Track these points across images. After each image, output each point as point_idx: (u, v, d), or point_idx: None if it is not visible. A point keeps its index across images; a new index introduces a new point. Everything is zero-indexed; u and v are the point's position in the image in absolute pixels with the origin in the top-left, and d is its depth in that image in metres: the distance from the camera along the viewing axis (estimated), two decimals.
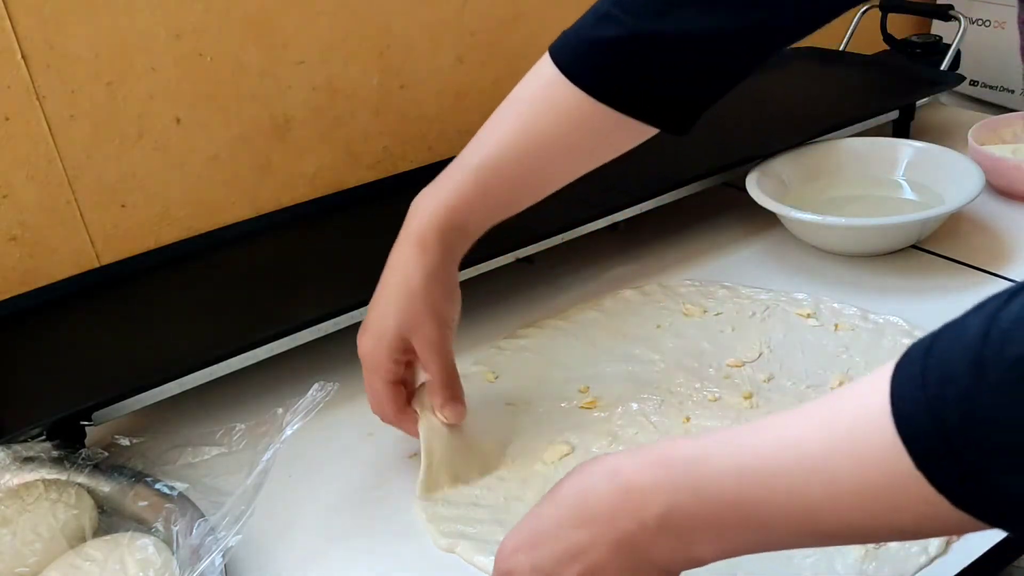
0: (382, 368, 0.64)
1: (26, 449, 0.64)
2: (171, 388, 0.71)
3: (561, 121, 0.64)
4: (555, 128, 0.64)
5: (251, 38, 0.91)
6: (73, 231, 0.87)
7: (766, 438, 0.41)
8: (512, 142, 0.64)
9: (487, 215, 0.66)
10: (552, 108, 0.64)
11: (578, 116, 0.64)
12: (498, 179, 0.64)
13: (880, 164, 0.95)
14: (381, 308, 0.65)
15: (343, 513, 0.65)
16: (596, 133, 0.65)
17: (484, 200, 0.65)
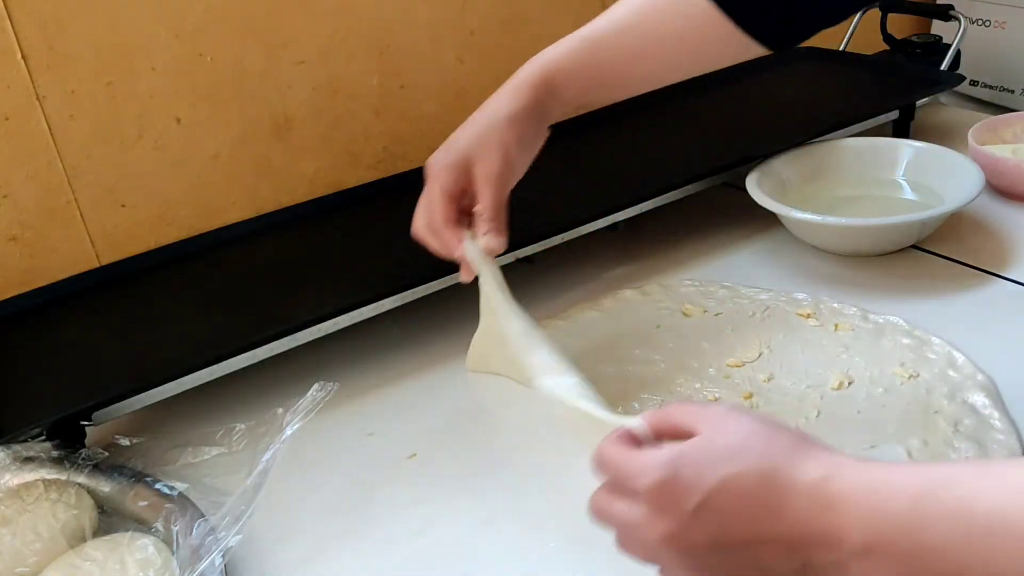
0: (442, 177, 0.68)
1: (26, 449, 0.65)
2: (171, 388, 0.71)
3: (676, 18, 0.67)
4: (667, 24, 0.67)
5: (251, 38, 0.91)
6: (73, 231, 0.87)
7: (996, 486, 0.38)
8: (623, 25, 0.68)
9: (582, 86, 0.70)
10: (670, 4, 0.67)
11: (695, 18, 0.66)
12: (602, 53, 0.69)
13: (880, 164, 0.95)
14: (459, 131, 0.71)
15: (343, 513, 0.65)
16: (706, 39, 0.67)
17: (584, 70, 0.69)
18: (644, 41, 0.68)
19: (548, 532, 0.61)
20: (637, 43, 0.69)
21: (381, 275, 0.80)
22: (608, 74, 0.70)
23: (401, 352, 0.82)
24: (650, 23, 0.68)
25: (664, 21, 0.67)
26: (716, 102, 1.13)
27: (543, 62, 0.69)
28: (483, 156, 0.68)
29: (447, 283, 0.80)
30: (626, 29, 0.69)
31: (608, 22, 0.69)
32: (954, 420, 0.64)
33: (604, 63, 0.69)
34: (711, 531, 0.43)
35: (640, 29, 0.68)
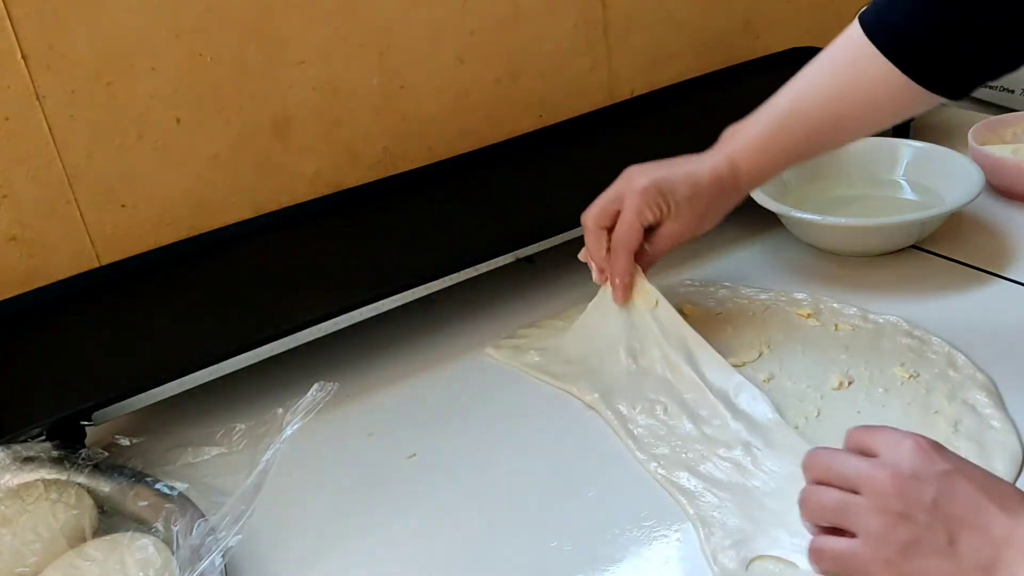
0: (642, 202, 0.73)
1: (26, 449, 0.65)
2: (171, 388, 0.71)
3: (860, 84, 0.68)
4: (854, 93, 0.69)
5: (251, 38, 0.91)
6: (73, 231, 0.87)
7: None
8: (811, 102, 0.71)
9: (777, 163, 0.74)
10: (852, 72, 0.69)
11: (878, 80, 0.67)
12: (794, 132, 0.72)
13: (880, 164, 0.95)
14: (666, 166, 0.75)
15: (343, 513, 0.65)
16: (891, 98, 0.68)
17: (777, 151, 0.72)
18: (836, 117, 0.70)
19: (548, 532, 0.61)
20: (828, 118, 0.71)
21: (381, 275, 0.80)
22: (801, 149, 0.73)
23: (401, 352, 0.82)
24: (838, 94, 0.70)
25: (851, 90, 0.69)
26: (716, 102, 1.13)
27: (739, 145, 0.73)
28: (680, 212, 0.73)
29: (447, 283, 0.80)
30: (816, 106, 0.71)
31: (795, 99, 0.71)
32: (954, 420, 0.64)
33: (794, 141, 0.72)
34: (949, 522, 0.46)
35: (831, 103, 0.70)
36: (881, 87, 0.67)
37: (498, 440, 0.70)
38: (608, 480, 0.65)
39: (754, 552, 0.56)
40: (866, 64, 0.67)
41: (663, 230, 0.74)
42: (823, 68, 0.71)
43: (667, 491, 0.62)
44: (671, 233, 0.74)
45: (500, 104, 1.08)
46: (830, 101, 0.70)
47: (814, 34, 1.26)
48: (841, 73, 0.69)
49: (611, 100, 1.16)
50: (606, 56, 1.14)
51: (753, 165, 0.73)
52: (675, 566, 0.57)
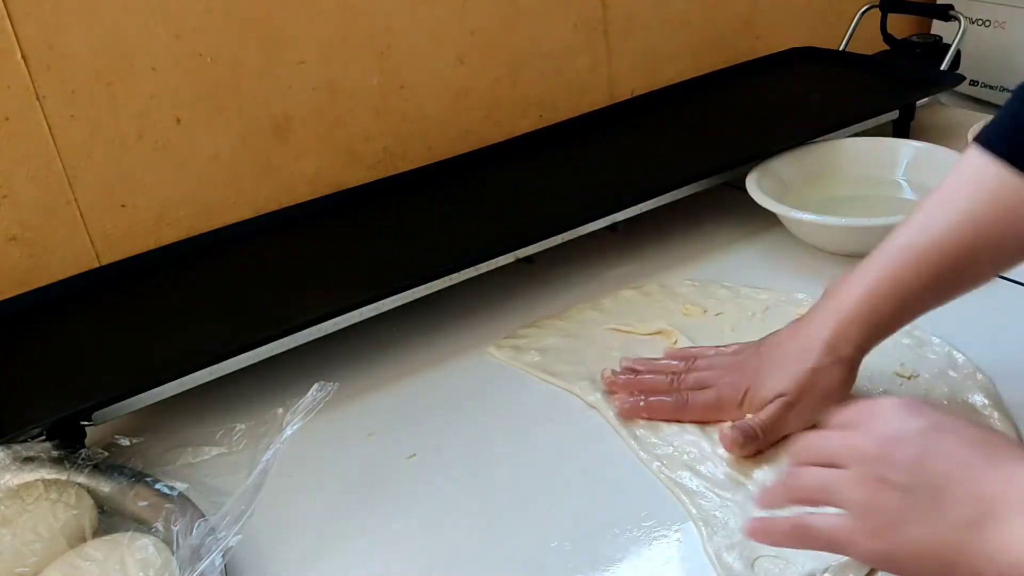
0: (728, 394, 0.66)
1: (26, 449, 0.65)
2: (171, 388, 0.71)
3: (995, 207, 0.59)
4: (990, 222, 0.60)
5: (251, 38, 0.91)
6: (73, 231, 0.87)
7: None
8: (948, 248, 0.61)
9: (905, 316, 0.63)
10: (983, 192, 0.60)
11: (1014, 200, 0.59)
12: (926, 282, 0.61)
13: (880, 164, 0.95)
14: (765, 374, 0.65)
15: (343, 513, 0.65)
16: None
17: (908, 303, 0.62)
18: (958, 258, 0.60)
19: (548, 532, 0.61)
20: (952, 261, 0.60)
21: (381, 275, 0.80)
22: (925, 304, 0.63)
23: (401, 352, 0.82)
24: (970, 221, 0.60)
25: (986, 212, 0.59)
26: (716, 102, 1.13)
27: (864, 309, 0.62)
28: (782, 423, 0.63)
29: (447, 283, 0.80)
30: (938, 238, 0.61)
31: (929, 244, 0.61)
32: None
33: (927, 288, 0.61)
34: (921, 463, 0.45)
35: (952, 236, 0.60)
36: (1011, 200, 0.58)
37: (498, 440, 0.70)
38: (609, 480, 0.65)
39: (757, 552, 0.56)
40: (999, 184, 0.59)
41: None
42: (943, 202, 0.61)
43: (670, 490, 0.62)
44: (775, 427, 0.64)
45: (500, 104, 1.08)
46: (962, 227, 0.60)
47: (814, 34, 1.26)
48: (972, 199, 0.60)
49: (611, 100, 1.16)
50: (606, 56, 1.14)
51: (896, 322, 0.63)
52: (676, 566, 0.57)
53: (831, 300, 0.64)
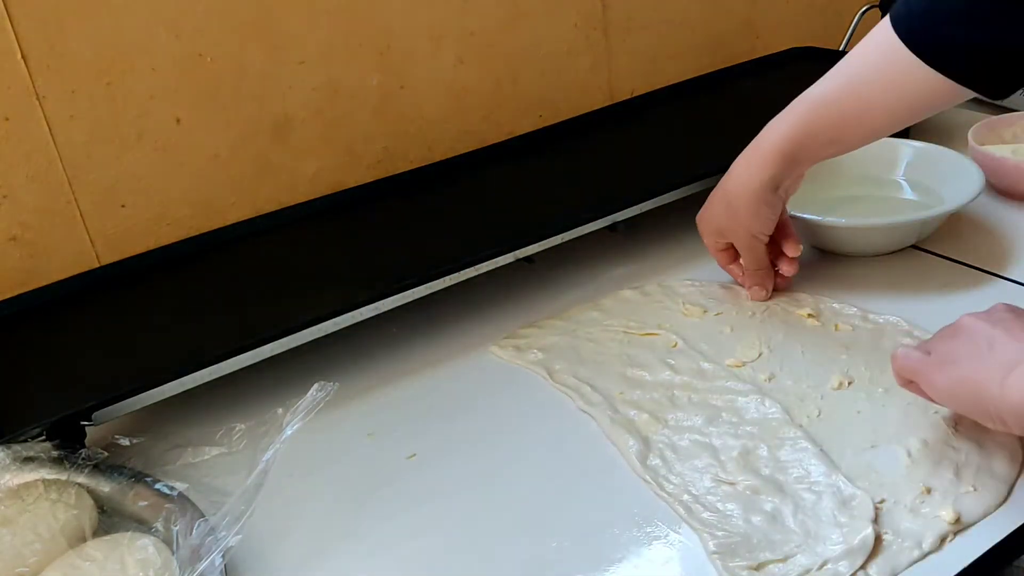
0: (710, 241, 0.83)
1: (26, 449, 0.64)
2: (171, 388, 0.71)
3: (885, 78, 0.71)
4: (879, 84, 0.71)
5: (251, 38, 0.91)
6: (73, 231, 0.87)
7: None
8: (845, 89, 0.74)
9: (814, 151, 0.76)
10: (881, 64, 0.71)
11: (905, 77, 0.69)
12: (829, 119, 0.74)
13: (880, 164, 0.95)
14: (716, 196, 0.82)
15: (343, 513, 0.65)
16: (919, 93, 0.70)
17: (814, 137, 0.75)
18: (863, 99, 0.72)
19: (548, 532, 0.61)
20: (851, 97, 0.73)
21: (381, 275, 0.80)
22: (835, 137, 0.75)
23: (401, 352, 0.82)
24: (869, 85, 0.72)
25: (884, 85, 0.71)
26: (716, 102, 1.13)
27: (781, 134, 0.76)
28: (732, 232, 0.80)
29: (447, 283, 0.80)
30: (849, 89, 0.73)
31: (832, 87, 0.74)
32: (954, 420, 0.64)
33: (830, 128, 0.75)
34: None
35: (861, 89, 0.72)
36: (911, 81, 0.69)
37: (498, 440, 0.70)
38: (609, 480, 0.65)
39: (759, 558, 0.56)
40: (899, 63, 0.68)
41: (738, 241, 0.81)
42: (851, 63, 0.73)
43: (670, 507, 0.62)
44: (745, 242, 0.80)
45: (500, 104, 1.08)
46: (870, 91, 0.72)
47: (814, 34, 1.26)
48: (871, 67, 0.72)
49: (611, 100, 1.16)
50: (606, 56, 1.14)
51: (806, 154, 0.76)
52: (675, 566, 0.57)
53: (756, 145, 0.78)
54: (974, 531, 0.57)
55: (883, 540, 0.56)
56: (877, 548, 0.55)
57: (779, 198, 0.78)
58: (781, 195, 0.78)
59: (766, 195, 0.76)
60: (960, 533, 0.56)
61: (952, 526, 0.56)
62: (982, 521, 0.57)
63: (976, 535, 0.56)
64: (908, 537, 0.56)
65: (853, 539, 0.55)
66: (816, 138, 0.75)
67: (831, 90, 0.74)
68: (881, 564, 0.55)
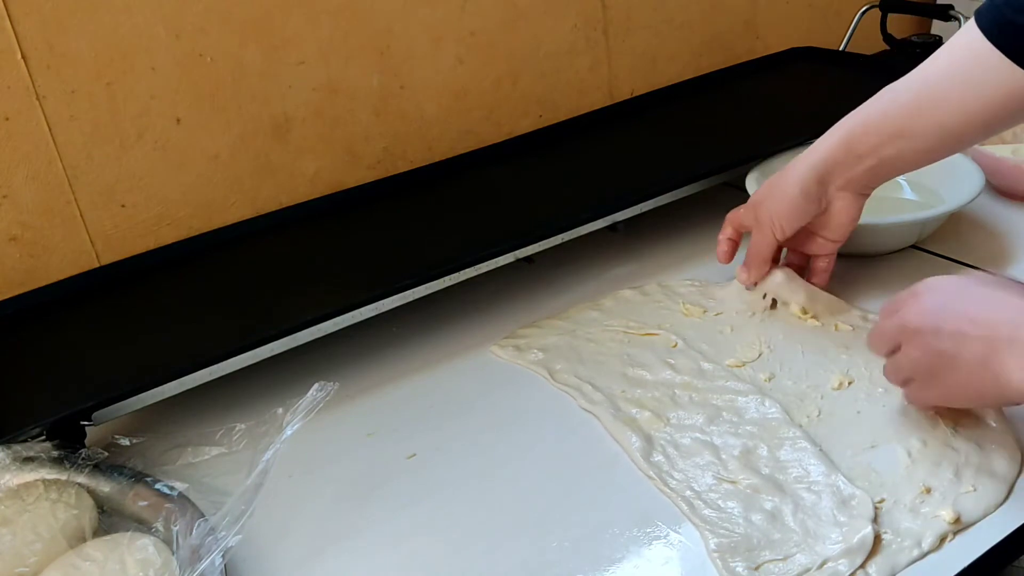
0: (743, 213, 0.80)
1: (26, 449, 0.64)
2: (171, 388, 0.71)
3: (962, 71, 0.68)
4: (956, 77, 0.68)
5: (251, 38, 0.91)
6: (73, 231, 0.88)
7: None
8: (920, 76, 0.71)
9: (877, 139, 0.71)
10: (959, 56, 0.68)
11: (982, 70, 0.67)
12: (895, 105, 0.71)
13: None
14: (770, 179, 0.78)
15: (343, 513, 0.65)
16: (995, 89, 0.67)
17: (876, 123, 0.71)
18: (936, 89, 0.69)
19: (548, 532, 0.61)
20: (921, 85, 0.70)
21: (381, 275, 0.80)
22: (902, 128, 0.70)
23: (401, 352, 0.82)
24: (945, 76, 0.69)
25: (960, 78, 0.68)
26: (716, 102, 1.13)
27: (850, 118, 0.72)
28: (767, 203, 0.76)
29: (447, 283, 0.80)
30: (912, 77, 0.71)
31: (910, 77, 0.71)
32: (953, 419, 0.64)
33: (899, 116, 0.70)
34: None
35: (935, 79, 0.69)
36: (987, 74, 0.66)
37: (498, 440, 0.70)
38: (609, 480, 0.65)
39: (759, 557, 0.56)
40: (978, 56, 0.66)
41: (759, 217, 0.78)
42: (934, 57, 0.70)
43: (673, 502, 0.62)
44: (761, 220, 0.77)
45: (500, 104, 1.08)
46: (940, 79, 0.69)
47: (814, 34, 1.26)
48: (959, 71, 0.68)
49: (611, 100, 1.16)
50: (606, 56, 1.14)
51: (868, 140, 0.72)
52: (675, 566, 0.57)
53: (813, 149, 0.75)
54: (974, 531, 0.57)
55: (882, 540, 0.56)
56: (876, 547, 0.55)
57: (819, 196, 0.73)
58: (823, 195, 0.74)
59: (808, 181, 0.73)
60: (960, 533, 0.57)
61: (952, 526, 0.56)
62: (982, 521, 0.57)
63: (976, 535, 0.56)
64: (908, 537, 0.56)
65: (852, 538, 0.55)
66: (880, 126, 0.71)
67: (908, 80, 0.71)
68: (880, 563, 0.55)
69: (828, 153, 0.72)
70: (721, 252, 0.82)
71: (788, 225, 0.75)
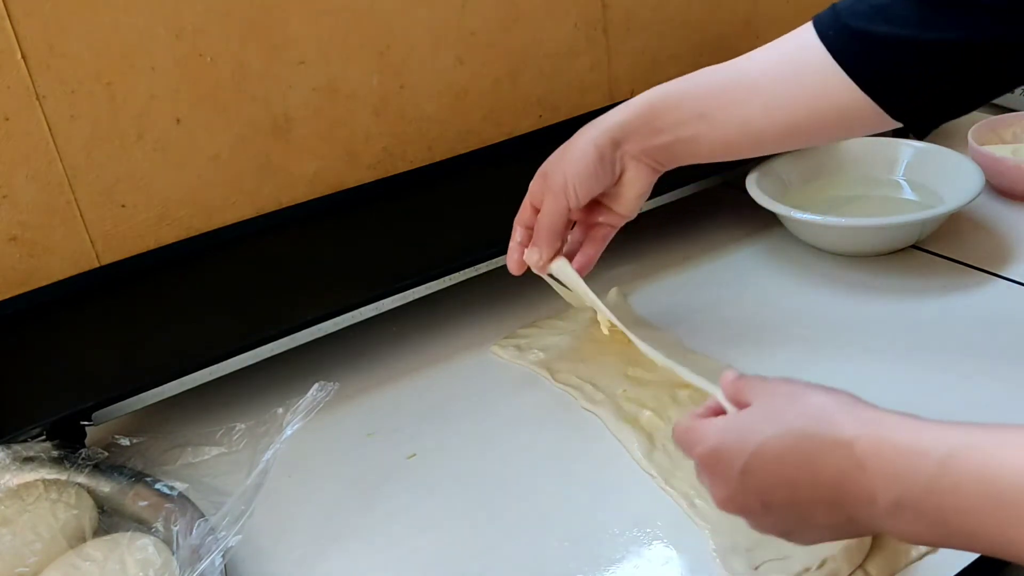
0: (534, 185, 0.72)
1: (26, 449, 0.65)
2: (171, 388, 0.71)
3: (780, 65, 0.65)
4: (774, 71, 0.65)
5: (251, 38, 0.91)
6: (73, 231, 0.87)
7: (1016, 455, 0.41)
8: (732, 62, 0.67)
9: (681, 115, 0.67)
10: (783, 51, 0.66)
11: (803, 68, 0.64)
12: (703, 81, 0.67)
13: (880, 164, 0.95)
14: (553, 155, 0.71)
15: (343, 513, 0.65)
16: (807, 89, 0.64)
17: (684, 96, 0.67)
18: (751, 82, 0.65)
19: (548, 532, 0.61)
20: (737, 74, 0.66)
21: (381, 275, 0.80)
22: (705, 110, 0.66)
23: (401, 352, 0.82)
24: (762, 68, 0.66)
25: (778, 61, 0.65)
26: None
27: (660, 86, 0.68)
28: (560, 166, 0.69)
29: (447, 283, 0.80)
30: (734, 63, 0.67)
31: (731, 61, 0.68)
32: None
33: (706, 95, 0.67)
34: (758, 494, 0.48)
35: (755, 72, 0.66)
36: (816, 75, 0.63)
37: (498, 440, 0.70)
38: (609, 480, 0.65)
39: (762, 557, 0.56)
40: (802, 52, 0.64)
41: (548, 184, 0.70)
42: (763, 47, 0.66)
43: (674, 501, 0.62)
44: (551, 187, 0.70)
45: (500, 104, 1.08)
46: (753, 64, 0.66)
47: None
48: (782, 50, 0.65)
49: (611, 100, 1.15)
50: (606, 56, 1.14)
51: (672, 115, 0.67)
52: (675, 566, 0.57)
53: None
54: None
55: (882, 539, 0.56)
56: (876, 547, 0.55)
57: (613, 160, 0.68)
58: (617, 160, 0.68)
59: (603, 141, 0.67)
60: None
61: None
62: None
63: None
64: None
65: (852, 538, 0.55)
66: (685, 102, 0.66)
67: (729, 66, 0.67)
68: (880, 563, 0.55)
69: (626, 119, 0.67)
70: (513, 261, 0.73)
71: (583, 188, 0.68)
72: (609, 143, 0.67)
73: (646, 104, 0.67)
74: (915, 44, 0.60)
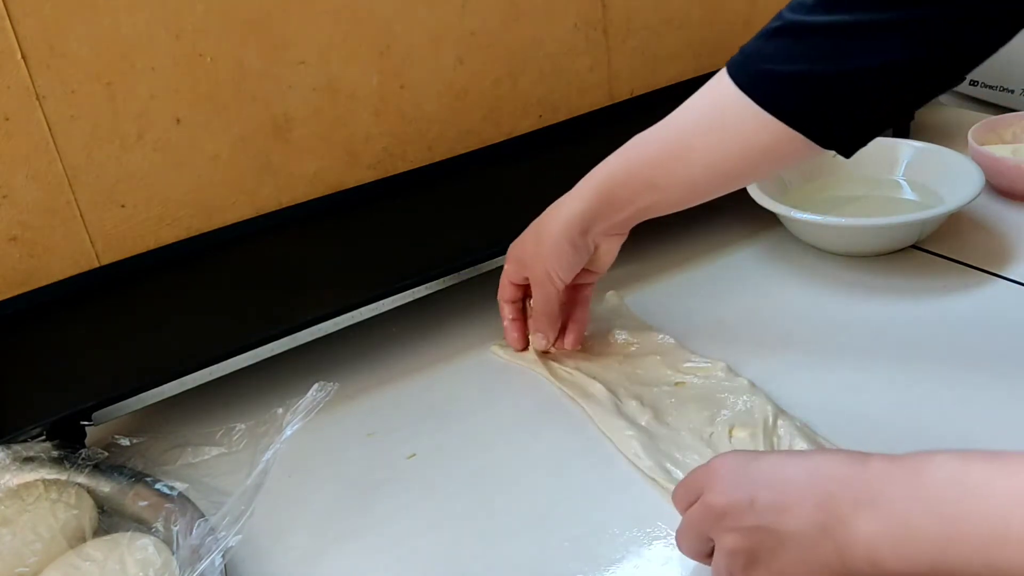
0: (510, 266, 0.77)
1: (26, 449, 0.65)
2: (171, 388, 0.71)
3: (708, 117, 0.67)
4: (703, 123, 0.67)
5: (251, 38, 0.91)
6: (73, 231, 0.87)
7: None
8: (667, 121, 0.69)
9: (633, 189, 0.70)
10: (707, 103, 0.67)
11: (728, 115, 0.65)
12: (645, 150, 0.70)
13: (880, 164, 0.95)
14: (528, 233, 0.75)
15: (343, 513, 0.65)
16: (738, 135, 0.65)
17: (632, 173, 0.70)
18: (682, 142, 0.67)
19: (549, 531, 0.61)
20: (671, 135, 0.68)
21: (381, 275, 0.80)
22: (652, 179, 0.69)
23: (401, 352, 0.82)
24: (693, 123, 0.68)
25: (707, 124, 0.67)
26: None
27: (602, 169, 0.71)
28: (539, 259, 0.72)
29: (447, 283, 0.80)
30: (665, 124, 0.69)
31: (660, 126, 0.69)
32: None
33: (649, 166, 0.69)
34: None
35: (683, 131, 0.68)
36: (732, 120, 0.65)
37: (498, 439, 0.70)
38: (609, 479, 0.65)
39: None
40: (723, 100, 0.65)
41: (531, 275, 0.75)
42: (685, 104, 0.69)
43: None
44: (536, 277, 0.74)
45: (500, 104, 1.08)
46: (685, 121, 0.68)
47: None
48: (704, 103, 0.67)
49: (611, 100, 1.16)
50: (606, 56, 1.14)
51: (625, 191, 0.70)
52: (675, 566, 0.57)
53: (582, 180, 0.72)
54: None
55: None
56: None
57: (587, 245, 0.72)
58: (590, 243, 0.72)
59: (573, 233, 0.70)
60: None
61: None
62: None
63: None
64: None
65: None
66: (633, 178, 0.69)
67: (658, 128, 0.69)
68: None
69: (587, 206, 0.70)
70: (514, 339, 0.78)
71: (565, 273, 0.72)
72: (579, 233, 0.71)
73: (599, 187, 0.70)
74: (834, 78, 0.61)
